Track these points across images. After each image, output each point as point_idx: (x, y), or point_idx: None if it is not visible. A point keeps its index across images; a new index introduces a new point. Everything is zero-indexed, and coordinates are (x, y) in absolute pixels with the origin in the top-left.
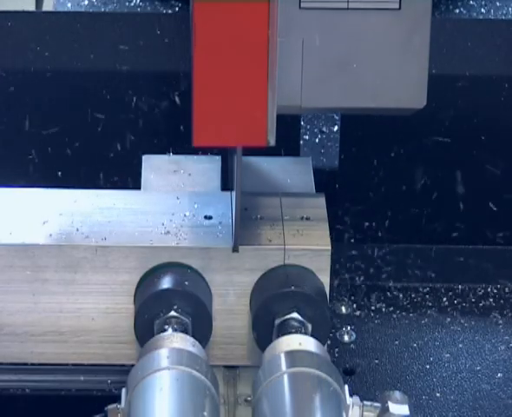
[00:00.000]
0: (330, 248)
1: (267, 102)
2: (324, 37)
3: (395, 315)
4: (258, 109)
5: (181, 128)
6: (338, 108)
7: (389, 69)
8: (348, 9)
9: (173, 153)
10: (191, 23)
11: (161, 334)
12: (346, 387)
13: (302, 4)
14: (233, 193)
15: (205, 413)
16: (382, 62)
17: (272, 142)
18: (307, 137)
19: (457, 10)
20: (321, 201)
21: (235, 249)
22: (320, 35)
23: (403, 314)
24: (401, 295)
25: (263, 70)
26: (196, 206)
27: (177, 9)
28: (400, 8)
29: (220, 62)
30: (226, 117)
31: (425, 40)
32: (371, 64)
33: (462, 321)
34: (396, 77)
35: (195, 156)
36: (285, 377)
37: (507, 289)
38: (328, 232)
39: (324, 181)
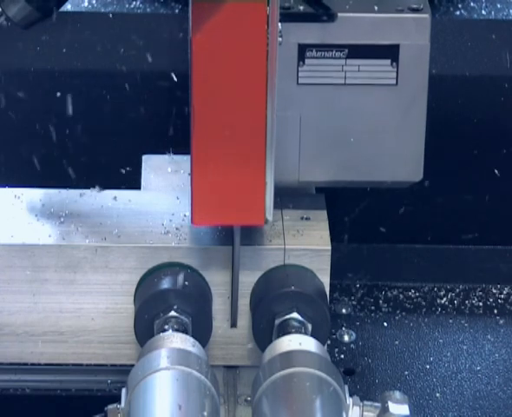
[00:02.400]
0: (330, 248)
1: (265, 181)
2: (321, 112)
3: (395, 315)
4: (256, 189)
5: (181, 128)
6: (336, 181)
7: (385, 144)
8: (345, 84)
9: (174, 153)
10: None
11: (161, 334)
12: (346, 387)
13: (300, 80)
14: None
15: (205, 413)
16: (379, 136)
17: (271, 219)
18: None
19: (458, 12)
20: (321, 201)
21: (233, 325)
22: (318, 110)
23: (403, 314)
24: (401, 295)
25: (261, 151)
26: None
27: (177, 11)
28: (397, 84)
29: (219, 143)
30: (225, 197)
31: (422, 114)
32: (368, 139)
33: (462, 321)
34: (392, 152)
35: None
36: (285, 377)
37: (507, 289)
38: (328, 232)
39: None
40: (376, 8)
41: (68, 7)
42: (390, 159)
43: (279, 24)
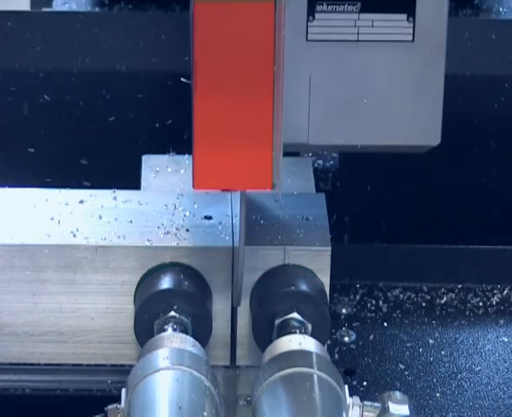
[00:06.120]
0: (330, 248)
1: (273, 144)
2: (332, 72)
3: (395, 315)
4: (263, 150)
5: (182, 127)
6: (348, 145)
7: (401, 105)
8: (358, 41)
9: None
10: (191, 24)
11: (161, 334)
12: (346, 387)
13: (309, 37)
14: (234, 193)
15: (205, 414)
16: (394, 97)
17: (279, 185)
18: None
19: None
20: (321, 201)
21: (237, 305)
22: (328, 68)
23: (403, 314)
24: (401, 295)
25: (268, 108)
26: (196, 206)
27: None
28: (414, 41)
29: (223, 101)
30: (229, 159)
31: (440, 74)
32: (383, 100)
33: (462, 321)
34: (408, 113)
35: None
36: (285, 377)
37: (507, 289)
38: (328, 232)
39: (324, 181)
40: None
41: (66, 7)
42: (406, 121)
43: None
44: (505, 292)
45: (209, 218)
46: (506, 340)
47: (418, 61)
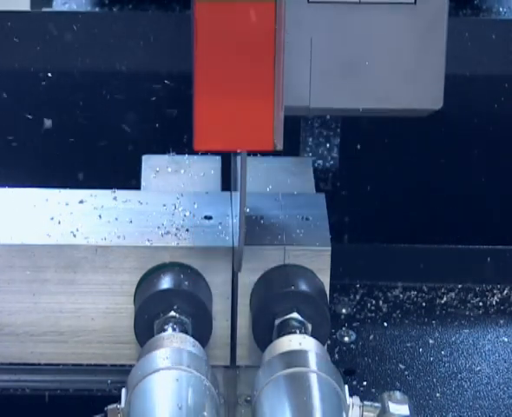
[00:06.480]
0: (330, 248)
1: (274, 103)
2: (334, 34)
3: (395, 315)
4: (264, 111)
5: (182, 127)
6: (349, 109)
7: (403, 68)
8: (360, 3)
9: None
10: (192, 23)
11: (161, 334)
12: (346, 387)
13: None
14: (234, 193)
15: (205, 413)
16: (396, 60)
17: (280, 145)
18: (307, 137)
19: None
20: (321, 201)
21: (238, 270)
22: (330, 31)
23: (403, 314)
24: (401, 295)
25: (269, 69)
26: (196, 206)
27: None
28: (416, 3)
29: (224, 61)
30: (230, 119)
31: (442, 36)
32: (385, 63)
33: (462, 321)
34: (411, 76)
35: (195, 156)
36: (285, 377)
37: (507, 289)
38: (328, 232)
39: (324, 181)
40: None
41: (66, 7)
42: (408, 84)
43: None
44: (505, 292)
45: (209, 218)
46: (506, 340)
47: (420, 23)
